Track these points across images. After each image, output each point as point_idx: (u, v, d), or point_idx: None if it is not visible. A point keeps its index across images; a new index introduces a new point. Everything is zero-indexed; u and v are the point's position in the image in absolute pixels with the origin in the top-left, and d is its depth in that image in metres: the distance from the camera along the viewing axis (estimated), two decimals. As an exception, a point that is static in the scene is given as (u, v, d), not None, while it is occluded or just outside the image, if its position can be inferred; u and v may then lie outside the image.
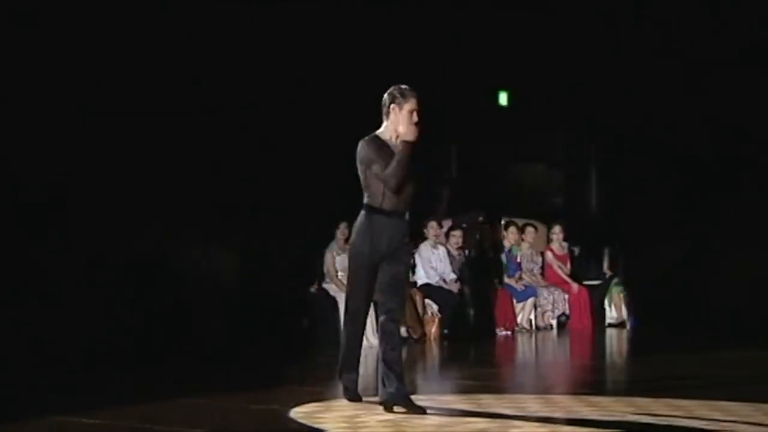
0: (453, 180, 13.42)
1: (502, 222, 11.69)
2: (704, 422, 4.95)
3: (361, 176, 5.45)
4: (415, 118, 5.33)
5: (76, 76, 9.27)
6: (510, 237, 11.41)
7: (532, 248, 11.45)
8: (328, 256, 10.04)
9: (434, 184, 12.34)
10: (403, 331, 10.26)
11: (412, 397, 5.33)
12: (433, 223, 10.65)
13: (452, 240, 10.80)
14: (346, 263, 9.78)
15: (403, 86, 5.44)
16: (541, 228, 11.80)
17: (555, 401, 5.99)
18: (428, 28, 11.50)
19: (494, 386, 6.80)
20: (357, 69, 10.67)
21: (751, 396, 5.65)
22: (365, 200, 5.47)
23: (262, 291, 10.10)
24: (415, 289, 10.29)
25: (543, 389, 6.80)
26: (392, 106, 5.38)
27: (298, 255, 10.50)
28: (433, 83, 10.05)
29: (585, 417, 5.18)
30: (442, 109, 10.28)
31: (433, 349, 9.72)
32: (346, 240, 9.98)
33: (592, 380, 7.44)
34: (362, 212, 5.48)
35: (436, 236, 10.64)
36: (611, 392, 6.64)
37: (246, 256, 10.22)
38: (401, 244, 5.50)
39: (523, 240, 11.39)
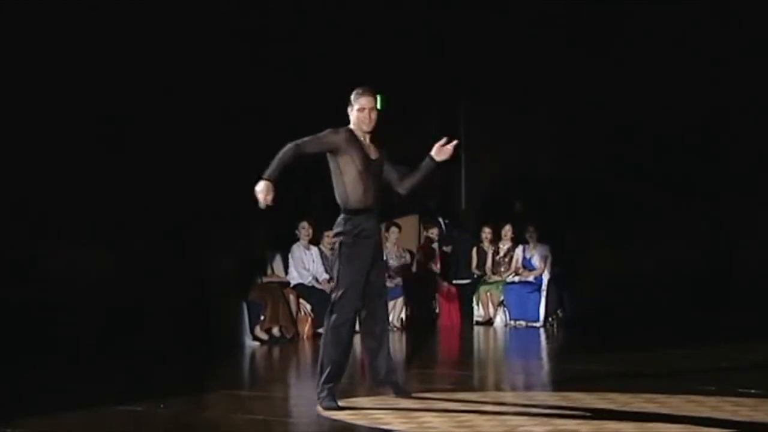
0: (325, 179, 13.25)
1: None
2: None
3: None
4: (365, 115, 5.62)
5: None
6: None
7: (398, 247, 11.49)
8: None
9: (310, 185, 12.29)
10: (276, 331, 10.33)
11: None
12: (304, 224, 10.57)
13: (326, 240, 10.66)
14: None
15: (357, 89, 5.71)
16: (412, 227, 11.93)
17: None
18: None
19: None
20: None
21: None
22: None
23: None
24: (288, 289, 10.28)
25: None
26: (349, 108, 5.71)
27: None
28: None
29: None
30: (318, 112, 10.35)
31: (306, 348, 9.72)
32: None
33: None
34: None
35: (308, 237, 10.60)
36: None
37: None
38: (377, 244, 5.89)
39: (386, 238, 11.24)
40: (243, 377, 8.28)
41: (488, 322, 11.43)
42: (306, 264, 10.55)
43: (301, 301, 10.41)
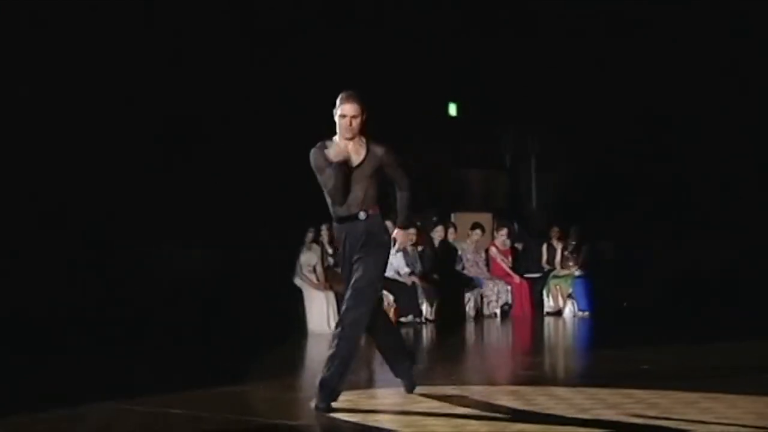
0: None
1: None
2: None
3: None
4: (346, 122, 5.40)
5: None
6: (455, 235, 12.27)
7: (476, 244, 12.28)
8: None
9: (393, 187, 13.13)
10: None
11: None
12: (388, 223, 11.45)
13: (407, 237, 11.64)
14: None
15: (342, 93, 5.50)
16: (487, 225, 12.74)
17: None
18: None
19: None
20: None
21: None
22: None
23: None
24: None
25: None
26: (334, 111, 5.52)
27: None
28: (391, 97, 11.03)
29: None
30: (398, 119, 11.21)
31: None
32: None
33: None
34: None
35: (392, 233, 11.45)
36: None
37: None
38: (364, 246, 5.48)
39: (468, 236, 12.23)
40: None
41: (557, 313, 12.19)
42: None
43: (385, 292, 10.81)
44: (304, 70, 11.47)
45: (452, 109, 14.45)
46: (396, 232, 5.89)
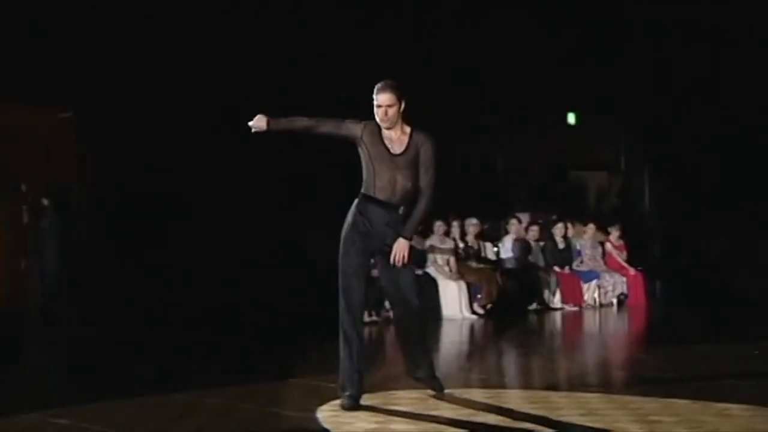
0: (531, 184, 15.42)
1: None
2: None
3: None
4: (382, 111, 5.42)
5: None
6: (573, 231, 13.16)
7: (592, 239, 13.17)
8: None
9: (517, 187, 14.37)
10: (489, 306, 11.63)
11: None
12: (514, 220, 12.60)
13: (530, 233, 12.68)
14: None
15: (378, 84, 5.51)
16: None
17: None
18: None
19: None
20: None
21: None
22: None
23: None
24: (498, 272, 12.01)
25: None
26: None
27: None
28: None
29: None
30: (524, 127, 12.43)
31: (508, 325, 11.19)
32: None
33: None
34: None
35: (517, 230, 12.52)
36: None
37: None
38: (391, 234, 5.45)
39: (584, 233, 13.11)
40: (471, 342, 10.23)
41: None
42: (514, 251, 12.40)
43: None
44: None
45: (571, 118, 15.63)
46: (397, 243, 5.44)
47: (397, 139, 5.48)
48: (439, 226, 11.77)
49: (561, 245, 12.99)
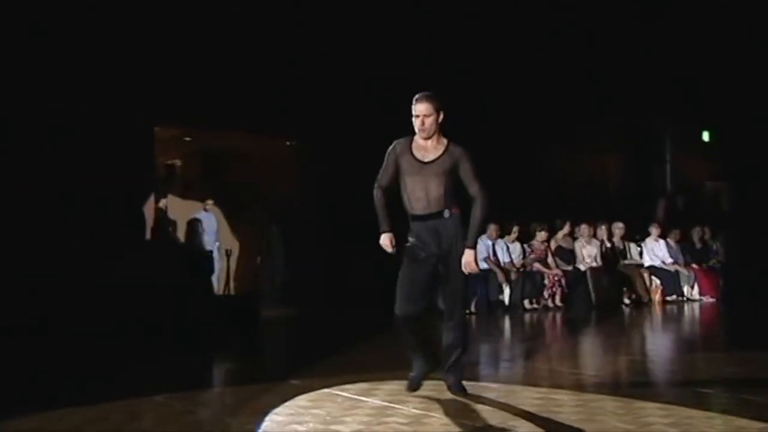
0: (667, 194, 16.77)
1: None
2: None
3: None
4: (419, 121, 5.31)
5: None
6: (710, 234, 14.56)
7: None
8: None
9: (654, 198, 15.91)
10: (635, 297, 12.94)
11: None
12: (655, 224, 14.15)
13: (671, 235, 14.10)
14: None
15: (420, 93, 5.39)
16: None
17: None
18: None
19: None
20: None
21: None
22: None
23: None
24: (643, 269, 13.44)
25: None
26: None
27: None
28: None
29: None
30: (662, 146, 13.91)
31: (657, 310, 12.55)
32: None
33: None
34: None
35: (658, 232, 13.94)
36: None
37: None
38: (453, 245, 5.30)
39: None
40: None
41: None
42: (656, 251, 13.80)
43: (653, 277, 13.53)
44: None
45: (705, 136, 16.96)
46: (465, 256, 5.29)
47: (432, 148, 5.36)
48: (584, 228, 13.20)
49: (698, 245, 14.28)
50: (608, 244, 13.54)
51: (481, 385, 5.82)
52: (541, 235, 13.08)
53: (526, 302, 12.57)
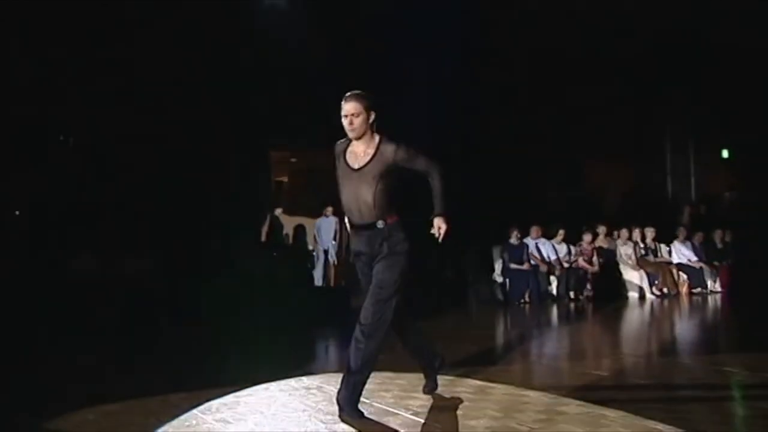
0: (692, 203, 18.28)
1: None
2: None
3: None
4: (347, 121, 5.02)
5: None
6: (729, 236, 16.01)
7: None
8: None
9: (681, 206, 17.51)
10: (665, 290, 14.36)
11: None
12: (682, 228, 15.79)
13: (696, 237, 15.71)
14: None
15: (349, 92, 5.10)
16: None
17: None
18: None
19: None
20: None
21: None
22: None
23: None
24: (672, 265, 14.95)
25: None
26: None
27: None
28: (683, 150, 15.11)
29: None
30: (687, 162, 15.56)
31: (684, 301, 13.71)
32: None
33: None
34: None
35: (684, 233, 15.60)
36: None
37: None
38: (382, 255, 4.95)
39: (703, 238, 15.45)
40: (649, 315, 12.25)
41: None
42: (683, 251, 15.46)
43: (680, 272, 14.95)
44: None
45: (725, 153, 18.49)
46: (436, 222, 5.01)
47: (362, 152, 5.06)
48: (622, 232, 14.94)
49: (719, 245, 15.77)
50: (641, 245, 15.16)
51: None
52: (588, 237, 14.85)
53: (571, 294, 14.40)
